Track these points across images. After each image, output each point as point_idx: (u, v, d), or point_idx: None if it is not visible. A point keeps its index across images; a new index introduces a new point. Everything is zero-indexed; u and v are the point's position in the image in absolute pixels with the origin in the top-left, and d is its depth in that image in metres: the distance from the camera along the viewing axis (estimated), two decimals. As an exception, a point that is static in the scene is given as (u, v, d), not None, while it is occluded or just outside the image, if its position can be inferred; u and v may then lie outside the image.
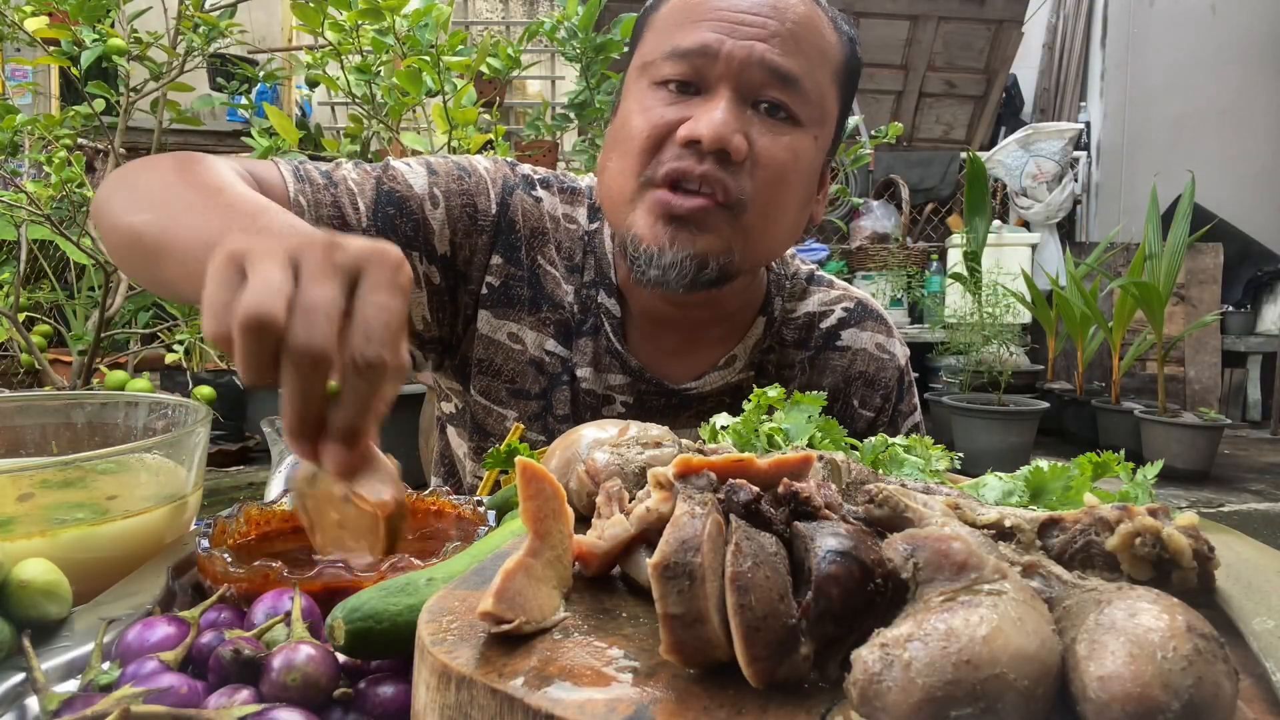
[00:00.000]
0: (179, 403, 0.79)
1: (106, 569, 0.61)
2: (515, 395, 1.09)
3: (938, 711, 0.30)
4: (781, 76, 0.90)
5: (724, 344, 1.09)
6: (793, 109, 0.92)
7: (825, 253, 5.36)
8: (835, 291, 1.19)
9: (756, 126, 0.91)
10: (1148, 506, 0.43)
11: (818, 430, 0.65)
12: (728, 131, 0.87)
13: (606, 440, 0.57)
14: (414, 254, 1.02)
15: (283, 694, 0.45)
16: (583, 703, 0.34)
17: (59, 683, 0.48)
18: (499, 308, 1.08)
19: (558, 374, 1.08)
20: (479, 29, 5.05)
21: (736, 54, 0.89)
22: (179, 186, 0.81)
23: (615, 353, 1.07)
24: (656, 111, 0.92)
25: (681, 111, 0.91)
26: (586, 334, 1.08)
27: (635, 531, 0.44)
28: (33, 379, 3.07)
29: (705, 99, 0.91)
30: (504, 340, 1.08)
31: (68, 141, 2.51)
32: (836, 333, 1.15)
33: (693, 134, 0.88)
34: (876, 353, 1.16)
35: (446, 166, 1.06)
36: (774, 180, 0.92)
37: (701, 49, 0.90)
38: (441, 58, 2.07)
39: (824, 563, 0.35)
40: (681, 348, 1.08)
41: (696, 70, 0.91)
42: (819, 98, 0.94)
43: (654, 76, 0.93)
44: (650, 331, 1.08)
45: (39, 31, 2.36)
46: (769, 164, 0.91)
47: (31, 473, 0.67)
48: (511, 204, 1.06)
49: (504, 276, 1.07)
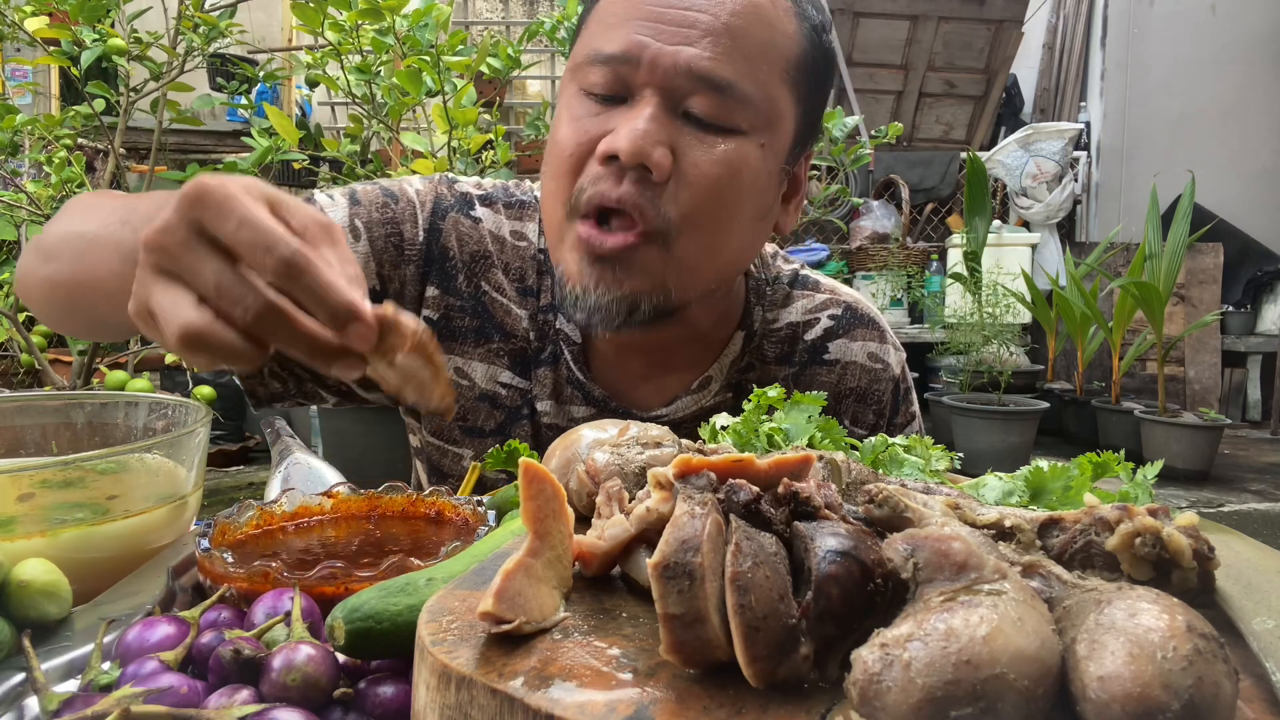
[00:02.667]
0: (179, 403, 0.79)
1: (106, 569, 0.61)
2: (469, 434, 1.01)
3: (938, 711, 0.30)
4: (713, 83, 0.80)
5: (697, 365, 1.00)
6: (730, 117, 0.82)
7: (825, 253, 5.36)
8: (821, 295, 1.07)
9: (686, 137, 0.81)
10: (1148, 506, 0.43)
11: (818, 430, 0.65)
12: (647, 144, 0.78)
13: (606, 440, 0.57)
14: None
15: (283, 694, 0.45)
16: (583, 703, 0.34)
17: (59, 683, 0.48)
18: (441, 342, 0.97)
19: (516, 408, 1.00)
20: (479, 29, 5.05)
21: (661, 60, 0.80)
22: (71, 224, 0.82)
23: (577, 382, 0.99)
24: (581, 124, 0.84)
25: (604, 124, 0.82)
26: (545, 363, 0.99)
27: (635, 531, 0.44)
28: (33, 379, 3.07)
29: (630, 108, 0.81)
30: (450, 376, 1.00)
31: (68, 141, 2.52)
32: (823, 345, 1.04)
33: (609, 148, 0.80)
34: (869, 364, 1.05)
35: (371, 194, 0.98)
36: (706, 198, 0.82)
37: (624, 55, 0.81)
38: (441, 58, 2.07)
39: (824, 563, 0.35)
40: (650, 371, 0.99)
41: (620, 78, 0.82)
42: (764, 101, 0.83)
43: (581, 82, 0.85)
44: (615, 357, 0.99)
45: (39, 31, 2.36)
46: (699, 180, 0.81)
47: (31, 473, 0.67)
48: (443, 229, 0.98)
49: (442, 308, 0.99)
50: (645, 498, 0.44)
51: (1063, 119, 6.46)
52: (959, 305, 4.89)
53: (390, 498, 0.73)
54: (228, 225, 0.50)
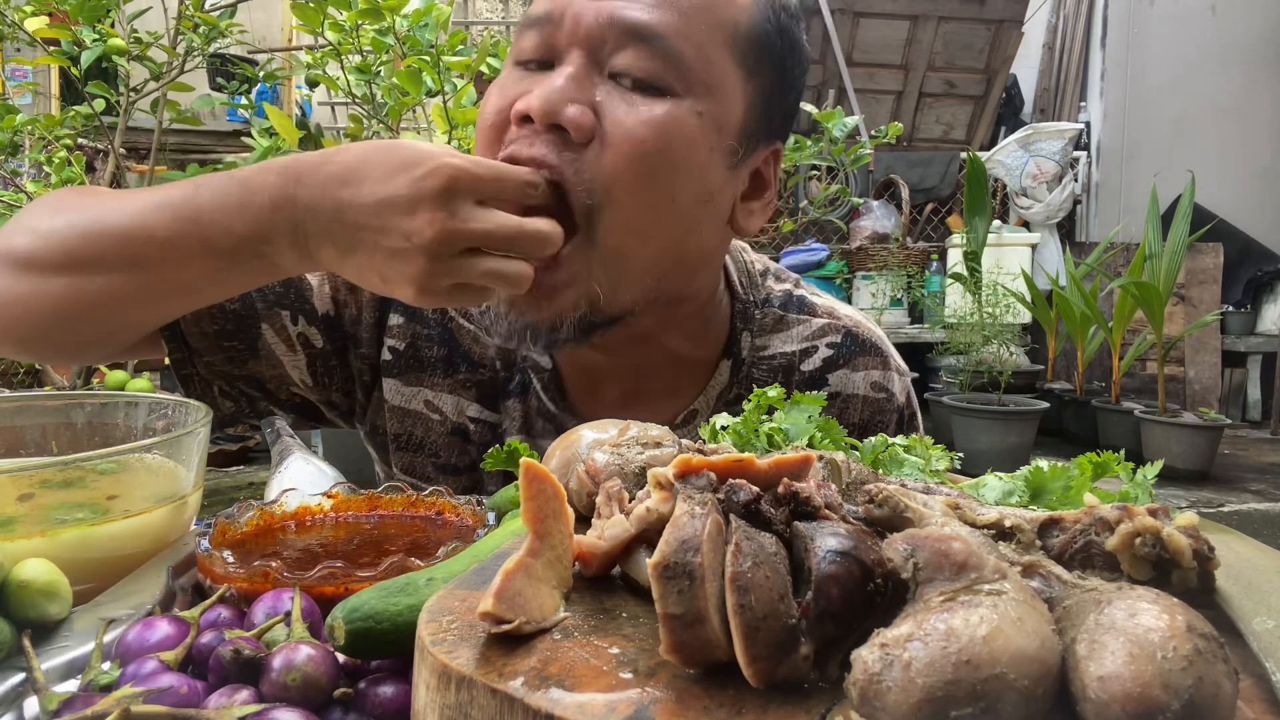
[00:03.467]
0: (179, 403, 0.79)
1: (106, 569, 0.61)
2: (443, 471, 0.95)
3: (938, 711, 0.30)
4: (639, 34, 0.73)
5: (680, 395, 0.93)
6: (659, 74, 0.74)
7: (825, 253, 5.36)
8: (818, 321, 0.98)
9: (611, 97, 0.74)
10: (1148, 506, 0.43)
11: (818, 430, 0.65)
12: (559, 100, 0.72)
13: (606, 440, 0.57)
14: (284, 314, 0.89)
15: (283, 694, 0.45)
16: (583, 703, 0.34)
17: (59, 683, 0.48)
18: (409, 373, 0.93)
19: (487, 443, 0.93)
20: (479, 29, 5.05)
21: (585, 15, 0.74)
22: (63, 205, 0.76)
23: (548, 414, 0.92)
24: (504, 91, 0.78)
25: (526, 88, 0.75)
26: (514, 394, 0.93)
27: (635, 531, 0.44)
28: (33, 379, 3.07)
29: (555, 72, 0.76)
30: (420, 410, 0.93)
31: (68, 141, 2.52)
32: (822, 377, 0.96)
33: (523, 108, 0.73)
34: (872, 394, 0.97)
35: None
36: (632, 162, 0.73)
37: (548, 14, 0.76)
38: (441, 58, 2.07)
39: (824, 563, 0.35)
40: (628, 401, 0.91)
41: (546, 39, 0.76)
42: (700, 62, 0.75)
43: (515, 54, 0.80)
44: (588, 386, 0.92)
45: (39, 31, 2.36)
46: (623, 141, 0.73)
47: (31, 473, 0.67)
48: None
49: (409, 337, 0.93)
50: (645, 498, 0.44)
51: (1063, 119, 6.46)
52: (959, 305, 4.89)
53: (390, 498, 0.73)
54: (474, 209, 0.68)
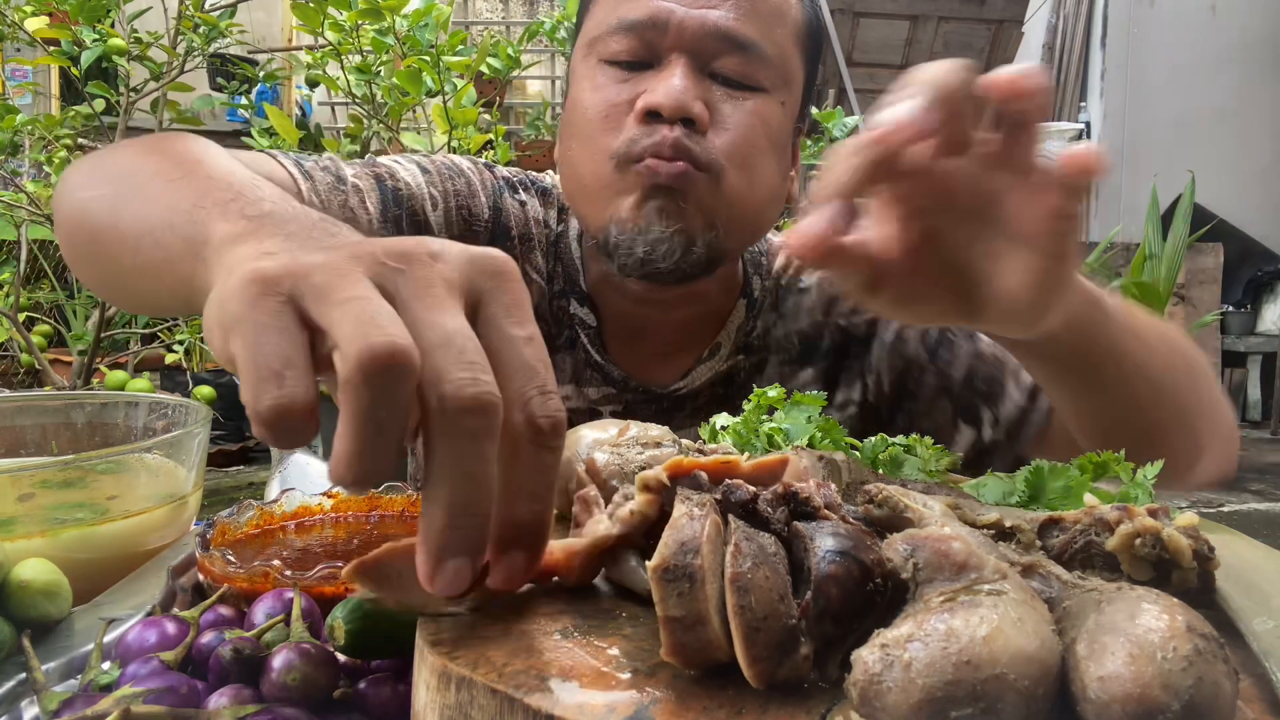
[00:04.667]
0: (179, 403, 0.79)
1: (106, 569, 0.61)
2: None
3: (938, 712, 0.30)
4: (738, 43, 0.85)
5: (707, 338, 1.03)
6: (754, 75, 0.87)
7: (825, 253, 5.35)
8: None
9: (717, 94, 0.86)
10: (1148, 507, 0.43)
11: (818, 430, 0.65)
12: (688, 99, 0.82)
13: (606, 440, 0.57)
14: None
15: (283, 694, 0.45)
16: (583, 703, 0.34)
17: (59, 683, 0.48)
18: None
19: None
20: (479, 29, 5.04)
21: (688, 23, 0.84)
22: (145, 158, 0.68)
23: (595, 364, 1.01)
24: (610, 90, 0.86)
25: (635, 88, 0.85)
26: (563, 349, 1.01)
27: (617, 533, 0.43)
28: (33, 379, 3.07)
29: (658, 71, 0.85)
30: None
31: (68, 141, 2.52)
32: (795, 281, 1.07)
33: (650, 104, 0.82)
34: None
35: (437, 165, 1.00)
36: (744, 143, 0.86)
37: (650, 20, 0.84)
38: (441, 58, 2.07)
39: (824, 563, 0.35)
40: (665, 350, 1.02)
41: (646, 43, 0.85)
42: (781, 61, 0.88)
43: (602, 53, 0.88)
44: (629, 339, 1.01)
45: (39, 31, 2.36)
46: (735, 128, 0.86)
47: (31, 473, 0.67)
48: (504, 208, 1.01)
49: None
50: (627, 499, 0.44)
51: (1063, 119, 6.46)
52: (959, 305, 4.87)
53: (390, 498, 0.73)
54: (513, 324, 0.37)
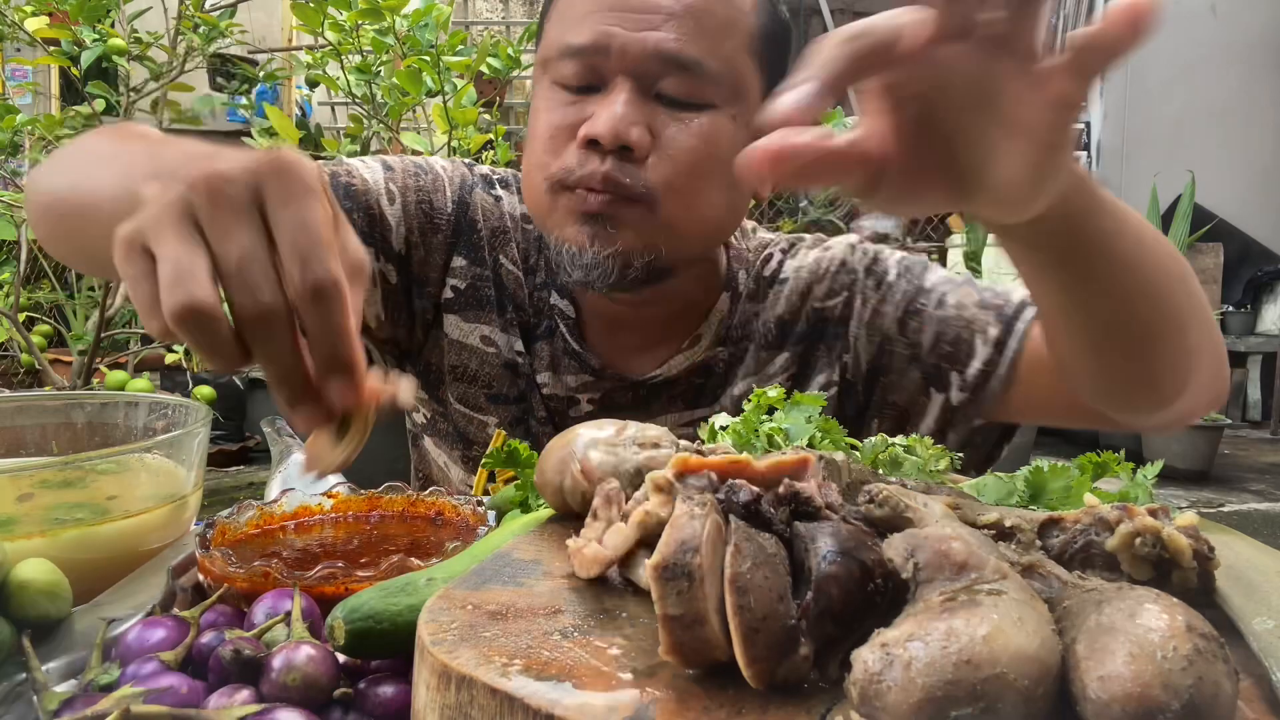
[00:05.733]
0: (179, 403, 0.78)
1: (106, 569, 0.61)
2: (494, 400, 1.05)
3: (938, 711, 0.30)
4: (680, 63, 0.85)
5: (688, 330, 1.04)
6: (700, 93, 0.87)
7: (825, 253, 5.35)
8: (782, 239, 1.11)
9: (661, 116, 0.87)
10: (1148, 506, 0.43)
11: (818, 430, 0.65)
12: (625, 126, 0.84)
13: (602, 439, 0.57)
14: (370, 250, 0.96)
15: (283, 694, 0.45)
16: (583, 703, 0.34)
17: (59, 683, 0.48)
18: (469, 310, 1.04)
19: (530, 376, 1.05)
20: (479, 29, 5.05)
21: (630, 47, 0.84)
22: (101, 145, 0.77)
23: (573, 353, 1.03)
24: (557, 113, 0.89)
25: (581, 111, 0.87)
26: (543, 337, 1.04)
27: (635, 538, 0.44)
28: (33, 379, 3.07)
29: (604, 95, 0.86)
30: (477, 344, 1.05)
31: (68, 141, 2.51)
32: (776, 273, 1.07)
33: (590, 133, 0.84)
34: (819, 254, 1.06)
35: (403, 164, 1.03)
36: (688, 168, 0.87)
37: (593, 46, 0.86)
38: (441, 58, 2.07)
39: (824, 563, 0.35)
40: (644, 342, 1.03)
41: (591, 68, 0.87)
42: (731, 75, 0.88)
43: (554, 75, 0.90)
44: (607, 331, 1.04)
45: (39, 31, 2.36)
46: (677, 154, 0.86)
47: (31, 473, 0.67)
48: (471, 202, 1.04)
49: (470, 278, 1.04)
50: (642, 500, 0.44)
51: (1063, 119, 6.45)
52: (959, 305, 4.88)
53: (390, 498, 0.73)
54: (289, 212, 0.45)
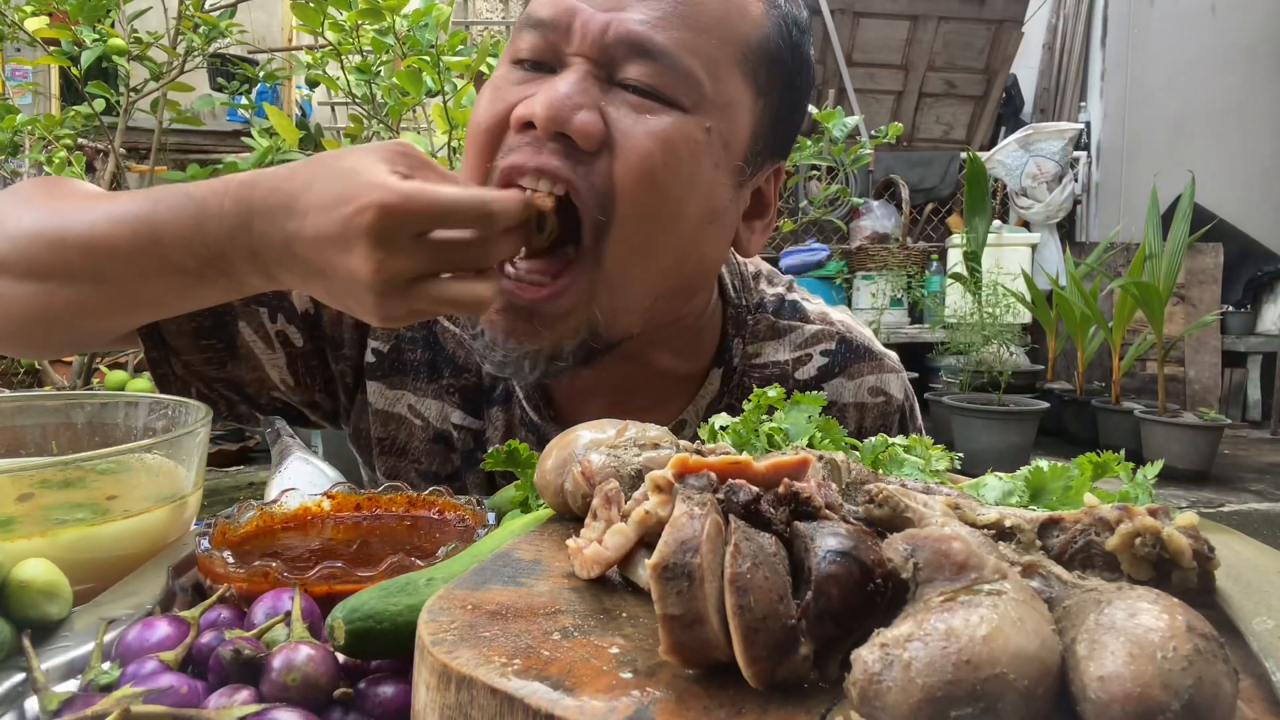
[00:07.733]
0: (179, 403, 0.78)
1: (106, 569, 0.61)
2: (425, 478, 0.94)
3: (938, 711, 0.30)
4: (645, 49, 0.71)
5: (669, 406, 0.90)
6: (666, 87, 0.72)
7: (825, 253, 5.36)
8: (811, 327, 0.95)
9: (618, 105, 0.72)
10: (1148, 506, 0.43)
11: (818, 430, 0.65)
12: (567, 107, 0.69)
13: (603, 441, 0.57)
14: (262, 311, 0.88)
15: (283, 694, 0.45)
16: (583, 703, 0.34)
17: (59, 683, 0.48)
18: (392, 376, 0.92)
19: (469, 451, 0.92)
20: (479, 29, 5.05)
21: (592, 25, 0.71)
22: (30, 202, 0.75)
23: (531, 424, 0.89)
24: (501, 93, 0.75)
25: (525, 92, 0.73)
26: (498, 402, 0.91)
27: (635, 538, 0.44)
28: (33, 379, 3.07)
29: (559, 77, 0.73)
30: (404, 414, 0.92)
31: (68, 141, 2.52)
32: (818, 385, 0.93)
33: (526, 113, 0.70)
34: (870, 400, 0.94)
35: None
36: (641, 175, 0.71)
37: (553, 20, 0.73)
38: (441, 58, 2.07)
39: (824, 563, 0.35)
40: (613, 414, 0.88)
41: (549, 44, 0.74)
42: (710, 78, 0.73)
43: (511, 53, 0.77)
44: (573, 396, 0.89)
45: (39, 31, 2.36)
46: (632, 152, 0.71)
47: (31, 473, 0.67)
48: None
49: (392, 340, 0.91)
50: (642, 499, 0.44)
51: (1063, 119, 6.46)
52: (959, 305, 4.89)
53: (390, 498, 0.73)
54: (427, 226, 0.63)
